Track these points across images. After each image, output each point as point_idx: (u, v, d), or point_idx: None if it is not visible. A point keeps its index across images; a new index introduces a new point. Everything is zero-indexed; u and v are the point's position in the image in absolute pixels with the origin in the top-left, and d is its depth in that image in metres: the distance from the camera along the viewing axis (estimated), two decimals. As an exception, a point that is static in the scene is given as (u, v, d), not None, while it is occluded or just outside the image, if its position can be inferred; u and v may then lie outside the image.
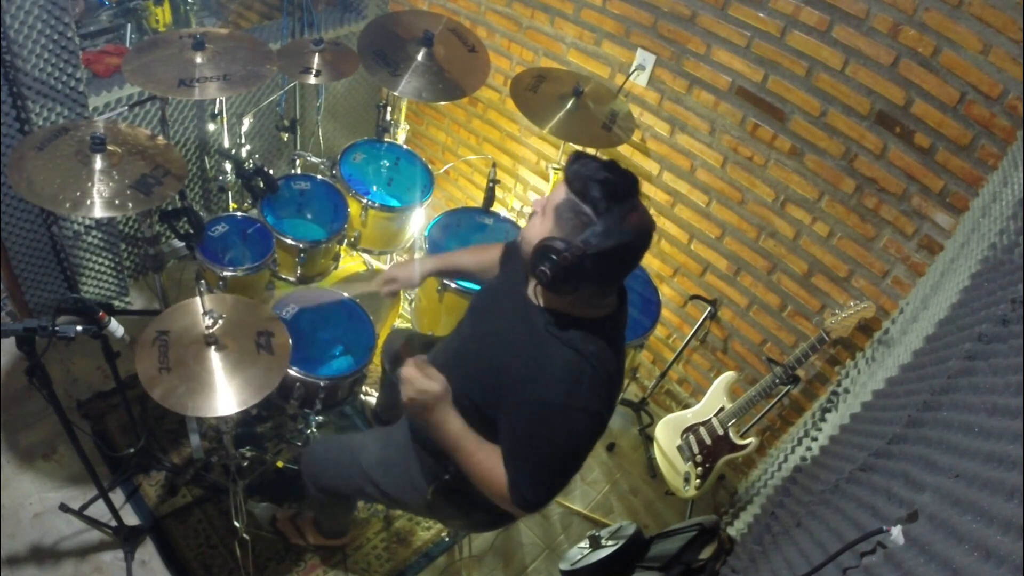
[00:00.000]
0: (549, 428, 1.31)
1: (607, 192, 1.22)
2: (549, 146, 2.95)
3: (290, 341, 1.78)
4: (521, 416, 1.33)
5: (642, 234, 1.26)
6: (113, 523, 2.06)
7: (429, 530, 2.37)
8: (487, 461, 1.37)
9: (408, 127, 2.93)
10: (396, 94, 2.46)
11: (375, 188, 2.76)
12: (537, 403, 1.30)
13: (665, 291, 2.78)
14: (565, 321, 1.33)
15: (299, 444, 2.38)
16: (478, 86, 2.56)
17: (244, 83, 2.15)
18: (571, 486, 2.62)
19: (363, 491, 1.75)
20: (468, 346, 1.52)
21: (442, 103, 3.27)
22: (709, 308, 2.59)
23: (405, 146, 2.84)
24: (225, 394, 1.63)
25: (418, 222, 2.69)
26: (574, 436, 1.32)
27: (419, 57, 2.46)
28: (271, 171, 2.39)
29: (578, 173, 1.24)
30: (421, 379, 1.37)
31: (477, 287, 2.17)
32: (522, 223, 1.41)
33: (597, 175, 1.23)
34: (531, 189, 3.13)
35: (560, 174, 1.29)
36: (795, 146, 2.22)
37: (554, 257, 1.23)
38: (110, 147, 1.88)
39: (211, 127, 2.66)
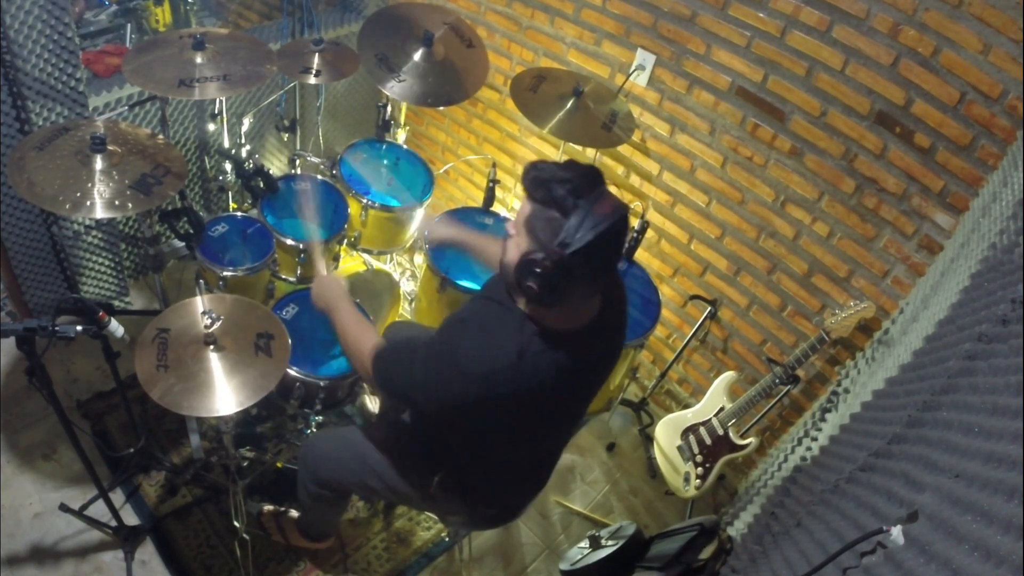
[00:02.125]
0: (440, 357, 1.35)
1: (570, 189, 1.20)
2: (549, 146, 2.95)
3: (289, 342, 1.78)
4: (442, 332, 1.40)
5: (616, 219, 1.22)
6: (113, 523, 2.06)
7: (429, 530, 2.37)
8: (362, 333, 1.57)
9: (408, 127, 2.93)
10: (396, 98, 2.46)
11: (375, 188, 2.76)
12: (452, 344, 1.35)
13: (665, 291, 2.78)
14: (528, 321, 1.33)
15: (299, 444, 2.38)
16: (479, 84, 2.56)
17: (244, 83, 2.15)
18: (571, 486, 2.63)
19: (366, 484, 1.75)
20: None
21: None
22: (709, 308, 2.59)
23: (405, 146, 2.84)
24: (223, 394, 1.63)
25: (418, 222, 2.69)
26: (445, 385, 1.34)
27: (418, 58, 2.46)
28: (271, 171, 2.39)
29: (536, 181, 1.23)
30: (322, 281, 1.72)
31: (477, 287, 2.17)
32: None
33: (556, 176, 1.21)
34: (531, 189, 3.12)
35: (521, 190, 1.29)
36: (795, 146, 2.22)
37: (536, 270, 1.21)
38: (110, 147, 1.88)
39: (211, 127, 2.66)
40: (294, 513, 2.19)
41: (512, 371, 1.29)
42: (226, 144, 2.54)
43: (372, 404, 2.56)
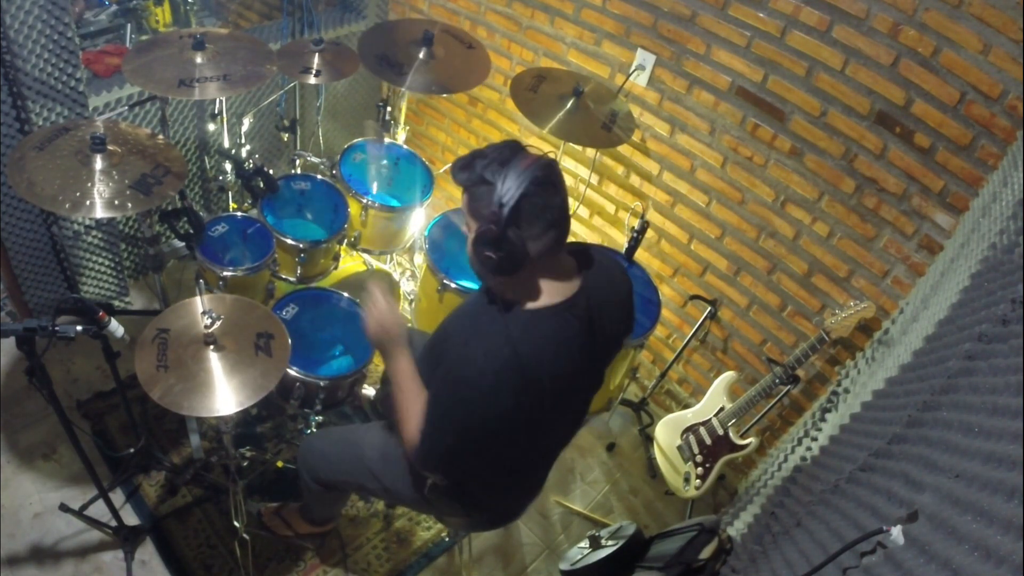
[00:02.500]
0: (451, 395, 1.35)
1: (492, 160, 1.25)
2: (549, 146, 2.94)
3: (289, 342, 1.78)
4: (439, 376, 1.38)
5: (541, 164, 1.25)
6: (113, 523, 2.06)
7: (429, 530, 2.37)
8: (412, 405, 1.44)
9: (408, 127, 2.93)
10: (404, 89, 2.45)
11: (375, 188, 2.76)
12: (448, 371, 1.34)
13: (665, 291, 2.78)
14: (504, 306, 1.34)
15: (299, 444, 2.38)
16: (481, 80, 2.56)
17: (244, 83, 2.15)
18: (571, 486, 2.63)
19: (363, 485, 1.75)
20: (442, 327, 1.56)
21: (443, 104, 3.27)
22: (709, 308, 2.59)
23: (405, 146, 2.84)
24: (224, 394, 1.63)
25: (418, 222, 2.69)
26: (470, 412, 1.33)
27: (421, 56, 2.47)
28: (271, 171, 2.39)
29: (460, 168, 1.29)
30: (386, 316, 1.50)
31: (477, 287, 2.17)
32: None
33: (475, 156, 1.27)
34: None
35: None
36: (795, 146, 2.22)
37: (485, 236, 1.25)
38: (110, 147, 1.88)
39: (211, 127, 2.66)
40: (294, 504, 2.20)
41: (507, 352, 1.29)
42: (226, 144, 2.54)
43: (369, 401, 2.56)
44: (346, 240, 2.62)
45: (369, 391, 2.57)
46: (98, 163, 1.85)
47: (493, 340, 1.30)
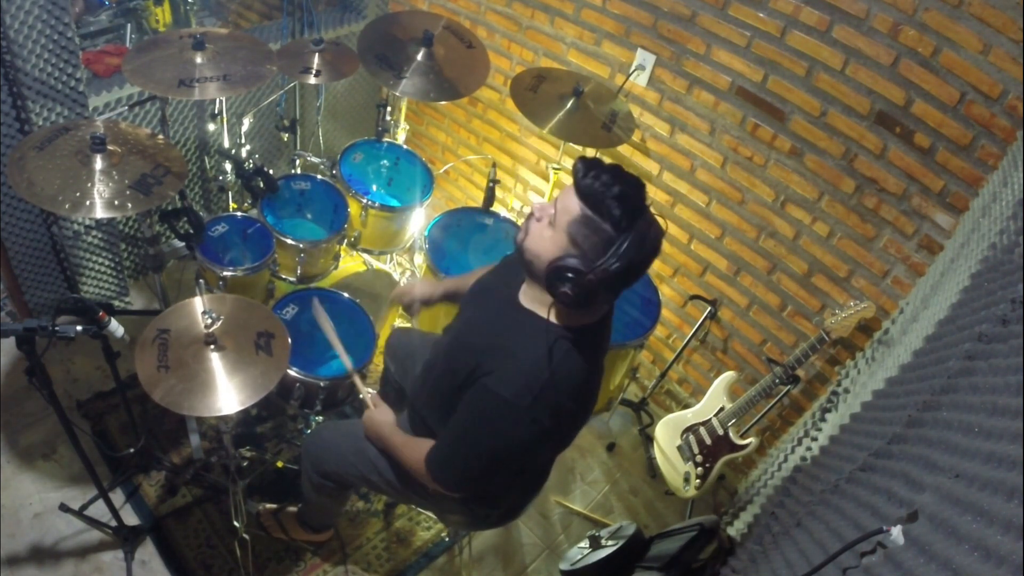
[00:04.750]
0: (484, 417, 1.34)
1: (626, 208, 1.22)
2: (549, 146, 2.94)
3: (289, 341, 1.78)
4: (470, 396, 1.36)
5: (658, 245, 1.29)
6: (113, 523, 2.06)
7: (429, 530, 2.37)
8: (413, 452, 1.52)
9: (408, 127, 2.93)
10: (397, 94, 2.46)
11: (375, 188, 2.76)
12: (485, 390, 1.33)
13: (665, 291, 2.78)
14: (550, 326, 1.34)
15: (299, 444, 2.38)
16: (480, 83, 2.56)
17: (244, 83, 2.15)
18: (571, 486, 2.63)
19: (367, 479, 1.75)
20: (455, 336, 1.55)
21: (442, 103, 3.27)
22: (709, 308, 2.59)
23: (405, 146, 2.84)
24: (224, 394, 1.63)
25: (418, 222, 2.69)
26: (504, 434, 1.34)
27: (420, 57, 2.46)
28: (271, 171, 2.39)
29: (592, 189, 1.23)
30: (374, 423, 1.66)
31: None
32: (522, 223, 1.42)
33: (612, 190, 1.22)
34: (531, 189, 3.13)
35: (559, 175, 1.31)
36: (795, 146, 2.22)
37: (573, 277, 1.23)
38: (110, 147, 1.88)
39: (211, 127, 2.66)
40: (292, 508, 2.19)
41: (552, 378, 1.30)
42: (226, 144, 2.54)
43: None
44: (346, 240, 2.62)
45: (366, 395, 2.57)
46: (98, 163, 1.85)
47: (536, 355, 1.31)
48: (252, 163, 2.43)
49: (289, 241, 2.35)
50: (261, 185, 2.39)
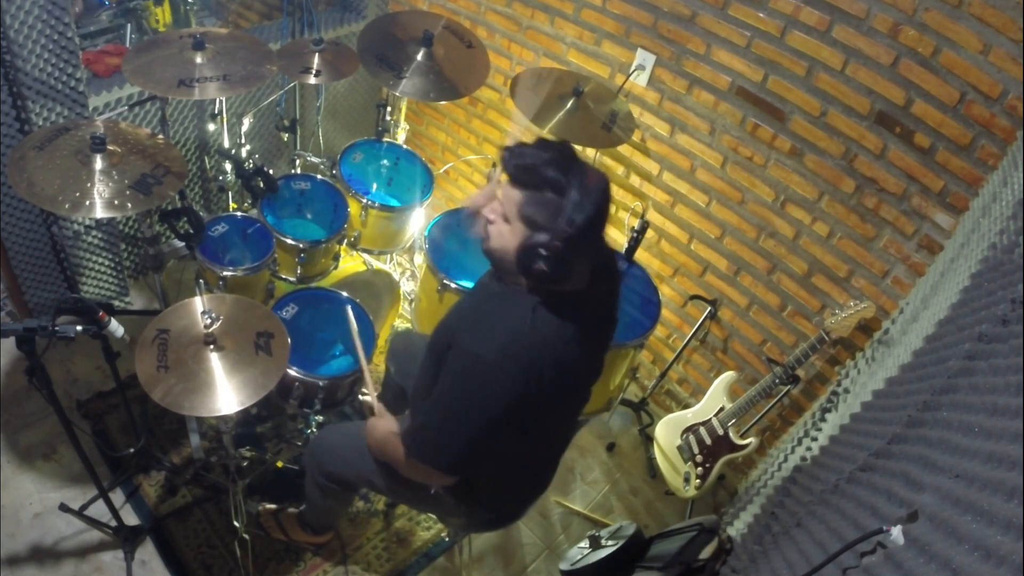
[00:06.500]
0: (458, 376, 1.34)
1: (558, 169, 1.23)
2: (549, 146, 2.94)
3: (289, 341, 1.78)
4: (448, 362, 1.36)
5: (605, 186, 1.28)
6: (113, 523, 2.06)
7: (429, 530, 2.37)
8: (394, 448, 1.51)
9: (408, 127, 2.93)
10: (397, 94, 2.46)
11: (375, 188, 2.76)
12: (459, 350, 1.33)
13: (665, 291, 2.78)
14: (530, 296, 1.34)
15: (299, 444, 2.38)
16: (480, 83, 2.56)
17: (244, 83, 2.15)
18: (571, 486, 2.63)
19: (370, 481, 1.76)
20: (439, 323, 1.55)
21: (442, 103, 3.27)
22: (709, 308, 2.59)
23: (405, 146, 2.84)
24: (224, 394, 1.63)
25: (418, 222, 2.69)
26: (478, 390, 1.33)
27: (419, 57, 2.46)
28: (271, 171, 2.39)
29: (520, 167, 1.25)
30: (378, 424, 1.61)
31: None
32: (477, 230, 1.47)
33: (540, 158, 1.24)
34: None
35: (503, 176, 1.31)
36: (795, 146, 2.22)
37: (544, 252, 1.24)
38: (110, 147, 1.88)
39: (211, 127, 2.66)
40: (293, 509, 2.19)
41: (529, 337, 1.30)
42: (226, 144, 2.54)
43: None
44: (346, 240, 2.62)
45: (367, 398, 2.57)
46: (98, 163, 1.84)
47: (514, 314, 1.32)
48: (252, 163, 2.43)
49: (289, 241, 2.35)
50: (261, 185, 2.39)
